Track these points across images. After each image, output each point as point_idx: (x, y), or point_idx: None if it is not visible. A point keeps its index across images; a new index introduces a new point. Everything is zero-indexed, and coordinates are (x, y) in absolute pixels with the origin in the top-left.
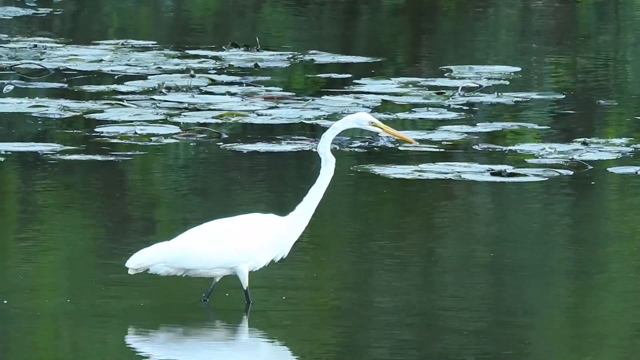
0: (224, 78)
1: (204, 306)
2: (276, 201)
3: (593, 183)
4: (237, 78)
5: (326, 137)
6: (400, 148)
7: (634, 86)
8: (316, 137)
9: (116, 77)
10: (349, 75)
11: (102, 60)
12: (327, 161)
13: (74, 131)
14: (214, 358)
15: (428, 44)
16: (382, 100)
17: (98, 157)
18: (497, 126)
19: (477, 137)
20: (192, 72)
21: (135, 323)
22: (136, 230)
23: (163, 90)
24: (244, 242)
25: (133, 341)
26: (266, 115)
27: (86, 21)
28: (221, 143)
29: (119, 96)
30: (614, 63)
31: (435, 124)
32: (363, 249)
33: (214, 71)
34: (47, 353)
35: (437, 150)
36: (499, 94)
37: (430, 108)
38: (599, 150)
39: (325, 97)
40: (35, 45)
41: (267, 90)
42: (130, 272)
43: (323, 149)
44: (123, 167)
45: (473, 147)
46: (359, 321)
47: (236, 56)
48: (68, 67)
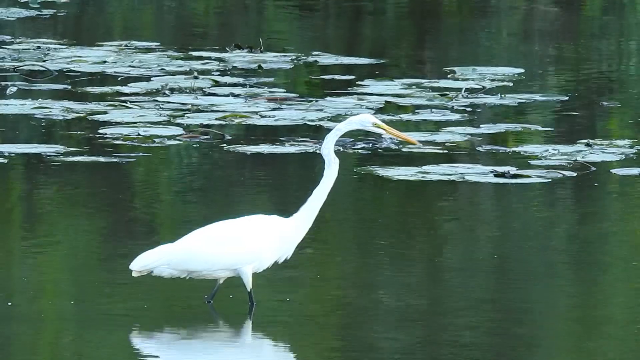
0: (228, 79)
1: (208, 307)
2: (280, 203)
3: (596, 184)
4: (241, 79)
5: (330, 139)
6: (403, 149)
7: (638, 88)
8: (320, 139)
9: (120, 79)
10: (353, 76)
11: (106, 61)
12: (331, 162)
13: (78, 133)
14: (218, 359)
15: (431, 46)
16: (386, 101)
17: (101, 159)
18: (501, 128)
19: (481, 139)
20: (196, 74)
21: (139, 325)
22: (140, 232)
23: (166, 91)
24: (248, 244)
25: (137, 342)
26: (270, 116)
27: (90, 23)
28: (224, 144)
29: (123, 97)
30: (617, 65)
31: (438, 126)
32: (367, 250)
33: (218, 73)
34: (52, 355)
35: (441, 151)
36: (503, 96)
37: (433, 109)
38: (603, 151)
39: (328, 99)
40: (38, 46)
41: (271, 91)
42: (134, 274)
43: (327, 151)
44: (126, 169)
45: (476, 149)
46: (363, 322)
47: (240, 58)
48: (71, 69)
